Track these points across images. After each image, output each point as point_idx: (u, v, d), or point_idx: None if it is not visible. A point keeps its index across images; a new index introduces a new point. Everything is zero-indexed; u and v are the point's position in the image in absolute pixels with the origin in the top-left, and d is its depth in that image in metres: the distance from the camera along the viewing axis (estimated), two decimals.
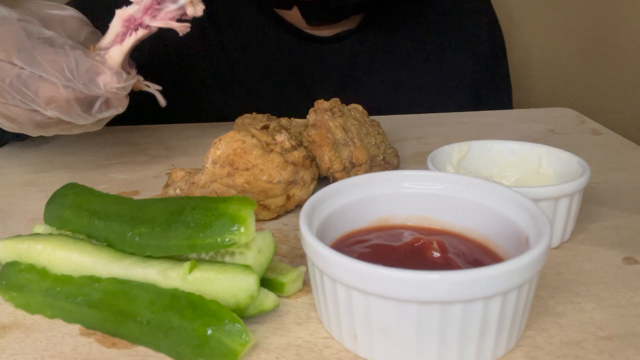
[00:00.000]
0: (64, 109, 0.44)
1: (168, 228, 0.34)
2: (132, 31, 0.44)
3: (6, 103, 0.45)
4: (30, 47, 0.43)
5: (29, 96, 0.44)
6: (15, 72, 0.43)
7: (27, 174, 0.60)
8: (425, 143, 0.67)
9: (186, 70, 0.77)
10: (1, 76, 0.44)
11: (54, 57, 0.43)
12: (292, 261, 0.42)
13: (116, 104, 0.46)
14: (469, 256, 0.35)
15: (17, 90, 0.44)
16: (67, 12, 0.48)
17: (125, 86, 0.45)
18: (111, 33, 0.45)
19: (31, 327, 0.36)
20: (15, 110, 0.46)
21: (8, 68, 0.44)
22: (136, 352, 0.33)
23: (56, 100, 0.44)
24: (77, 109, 0.45)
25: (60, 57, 0.43)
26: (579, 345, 0.33)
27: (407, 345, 0.30)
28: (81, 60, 0.43)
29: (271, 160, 0.45)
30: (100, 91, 0.44)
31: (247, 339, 0.31)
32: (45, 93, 0.44)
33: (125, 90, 0.45)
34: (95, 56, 0.44)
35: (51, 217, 0.40)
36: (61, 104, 0.44)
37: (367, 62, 0.81)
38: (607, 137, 0.67)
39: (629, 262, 0.41)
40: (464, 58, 0.84)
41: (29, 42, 0.43)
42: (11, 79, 0.43)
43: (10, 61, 0.44)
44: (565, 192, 0.41)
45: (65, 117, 0.45)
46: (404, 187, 0.40)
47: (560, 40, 1.24)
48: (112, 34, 0.45)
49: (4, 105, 0.46)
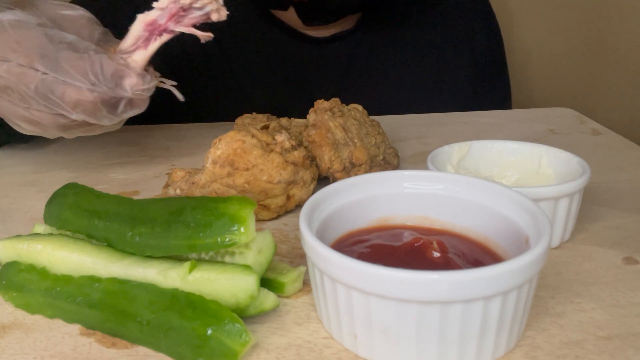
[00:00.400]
0: (91, 112, 0.45)
1: (168, 228, 0.34)
2: (156, 36, 0.44)
3: (29, 108, 0.46)
4: (53, 52, 0.43)
5: (54, 101, 0.44)
6: (39, 78, 0.43)
7: (27, 174, 0.60)
8: (425, 143, 0.67)
9: (184, 71, 0.77)
10: (25, 82, 0.44)
11: (78, 62, 0.43)
12: (292, 261, 0.42)
13: (139, 103, 0.47)
14: (469, 256, 0.35)
15: (42, 96, 0.44)
16: (77, 12, 0.48)
17: (150, 87, 0.45)
18: (132, 36, 0.45)
19: (31, 327, 0.36)
20: (39, 115, 0.46)
21: (32, 74, 0.44)
22: (136, 352, 0.33)
23: (82, 103, 0.44)
24: (103, 110, 0.45)
25: (85, 62, 0.43)
26: (579, 345, 0.33)
27: (407, 345, 0.30)
28: (106, 64, 0.43)
29: (271, 160, 0.45)
30: (127, 94, 0.44)
31: (247, 339, 0.31)
32: (72, 97, 0.44)
33: (150, 91, 0.46)
34: (119, 60, 0.44)
35: (51, 217, 0.40)
36: (88, 107, 0.44)
37: (365, 62, 0.81)
38: (607, 137, 0.67)
39: (629, 262, 0.41)
40: (461, 56, 0.84)
41: (52, 48, 0.43)
42: (36, 85, 0.43)
43: (32, 67, 0.43)
44: (565, 192, 0.41)
45: (92, 120, 0.46)
46: (404, 187, 0.40)
47: (560, 40, 1.24)
48: (133, 38, 0.45)
49: (28, 110, 0.46)
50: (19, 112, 0.46)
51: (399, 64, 0.82)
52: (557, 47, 1.24)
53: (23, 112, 0.46)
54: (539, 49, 1.25)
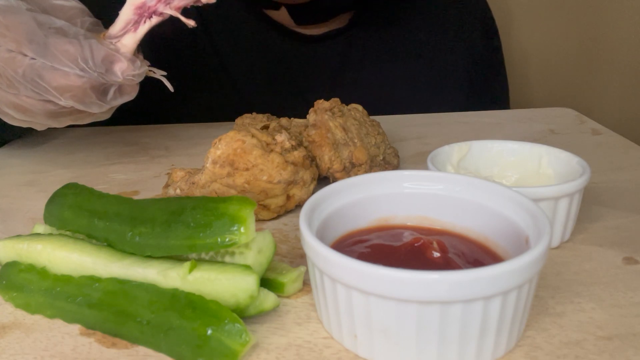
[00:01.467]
0: (80, 98, 0.44)
1: (168, 228, 0.34)
2: (146, 19, 0.44)
3: (18, 94, 0.45)
4: (42, 37, 0.43)
5: (42, 87, 0.44)
6: (28, 63, 0.43)
7: (27, 174, 0.60)
8: (425, 143, 0.67)
9: (176, 71, 0.77)
10: (13, 67, 0.43)
11: (68, 47, 0.43)
12: (292, 261, 0.42)
13: (129, 90, 0.47)
14: (469, 256, 0.35)
15: (30, 81, 0.43)
16: (68, 3, 0.48)
17: (140, 72, 0.45)
18: (121, 20, 0.44)
19: (31, 327, 0.36)
20: (28, 101, 0.45)
21: (19, 59, 0.43)
22: (136, 352, 0.33)
23: (71, 89, 0.44)
24: (92, 97, 0.45)
25: (74, 47, 0.43)
26: (579, 345, 0.33)
27: (407, 345, 0.30)
28: (96, 49, 0.43)
29: (271, 160, 0.45)
30: (118, 79, 0.44)
31: (247, 339, 0.31)
32: (60, 82, 0.43)
33: (141, 76, 0.46)
34: (109, 44, 0.44)
35: (51, 217, 0.40)
36: (77, 93, 0.44)
37: (358, 60, 0.81)
38: (607, 137, 0.67)
39: (629, 262, 0.41)
40: (456, 54, 0.84)
41: (41, 32, 0.43)
42: (24, 70, 0.43)
43: (21, 51, 0.43)
44: (565, 192, 0.41)
45: (80, 106, 0.45)
46: (404, 187, 0.40)
47: (560, 40, 1.24)
48: (123, 22, 0.44)
49: (16, 96, 0.45)
50: (8, 98, 0.46)
51: (392, 63, 0.82)
52: (557, 47, 1.24)
53: (12, 98, 0.46)
54: (539, 49, 1.25)
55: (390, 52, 0.82)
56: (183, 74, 0.78)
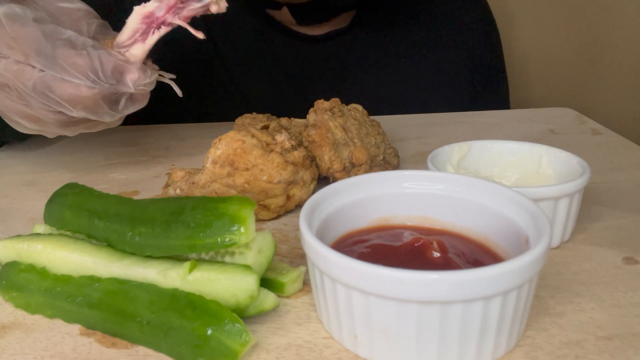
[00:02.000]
0: (91, 109, 0.44)
1: (168, 228, 0.34)
2: (154, 29, 0.44)
3: (29, 105, 0.45)
4: (49, 49, 0.42)
5: (53, 99, 0.43)
6: (37, 75, 0.43)
7: (27, 174, 0.60)
8: (425, 143, 0.67)
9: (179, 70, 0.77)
10: (22, 79, 0.43)
11: (76, 59, 0.42)
12: (292, 261, 0.42)
13: (140, 98, 0.47)
14: (469, 256, 0.35)
15: (40, 94, 0.43)
16: (75, 5, 0.47)
17: (151, 81, 0.45)
18: (129, 29, 0.44)
19: (31, 327, 0.36)
20: (39, 112, 0.45)
21: (29, 70, 0.43)
22: (136, 352, 0.33)
23: (83, 100, 0.43)
24: (104, 107, 0.44)
25: (83, 59, 0.42)
26: (579, 345, 0.33)
27: (407, 345, 0.30)
28: (106, 61, 0.43)
29: (271, 160, 0.45)
30: (130, 89, 0.44)
31: (247, 339, 0.31)
32: (71, 94, 0.43)
33: (152, 85, 0.45)
34: (118, 55, 0.44)
35: (51, 217, 0.40)
36: (88, 104, 0.44)
37: (360, 60, 0.81)
38: (607, 137, 0.67)
39: (629, 262, 0.41)
40: (457, 54, 0.84)
41: (48, 44, 0.42)
42: (34, 82, 0.43)
43: (29, 64, 0.43)
44: (565, 192, 0.41)
45: (93, 116, 0.45)
46: (404, 187, 0.40)
47: (560, 40, 1.24)
48: (130, 30, 0.44)
49: (27, 107, 0.45)
50: (19, 108, 0.46)
51: (393, 63, 0.82)
52: (557, 47, 1.24)
53: (23, 108, 0.46)
54: (539, 49, 1.25)
55: (391, 52, 0.82)
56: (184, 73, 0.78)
